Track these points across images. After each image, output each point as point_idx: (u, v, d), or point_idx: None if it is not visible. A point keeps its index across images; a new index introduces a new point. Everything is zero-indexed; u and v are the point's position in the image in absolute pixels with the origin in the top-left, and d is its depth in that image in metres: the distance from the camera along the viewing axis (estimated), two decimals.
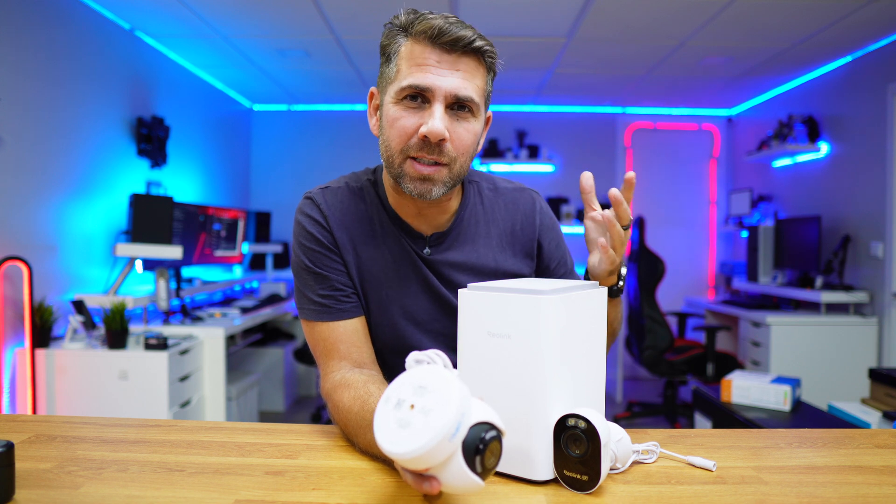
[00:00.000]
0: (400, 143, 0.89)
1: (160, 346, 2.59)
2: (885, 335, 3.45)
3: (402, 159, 0.90)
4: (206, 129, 4.37)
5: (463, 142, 0.90)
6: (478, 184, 1.07)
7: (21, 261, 2.44)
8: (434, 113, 0.86)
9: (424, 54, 0.87)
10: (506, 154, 5.09)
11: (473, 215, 1.04)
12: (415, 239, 1.01)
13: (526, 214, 1.07)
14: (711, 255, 5.37)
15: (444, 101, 0.87)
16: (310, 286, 0.98)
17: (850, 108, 3.74)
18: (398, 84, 0.88)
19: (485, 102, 0.93)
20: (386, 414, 0.60)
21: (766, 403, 2.35)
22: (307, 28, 3.34)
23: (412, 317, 1.01)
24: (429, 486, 0.59)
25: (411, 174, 0.90)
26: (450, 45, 0.86)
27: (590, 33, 3.39)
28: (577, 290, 0.76)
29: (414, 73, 0.87)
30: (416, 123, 0.87)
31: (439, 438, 0.55)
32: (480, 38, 0.88)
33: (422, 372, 0.61)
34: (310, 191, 1.02)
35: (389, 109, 0.90)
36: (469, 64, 0.88)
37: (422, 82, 0.86)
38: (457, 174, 0.92)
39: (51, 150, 2.73)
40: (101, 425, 0.96)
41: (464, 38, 0.86)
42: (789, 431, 0.95)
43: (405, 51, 0.89)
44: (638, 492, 0.71)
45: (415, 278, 1.01)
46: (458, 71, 0.87)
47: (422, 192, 0.90)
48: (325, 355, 0.97)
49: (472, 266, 1.02)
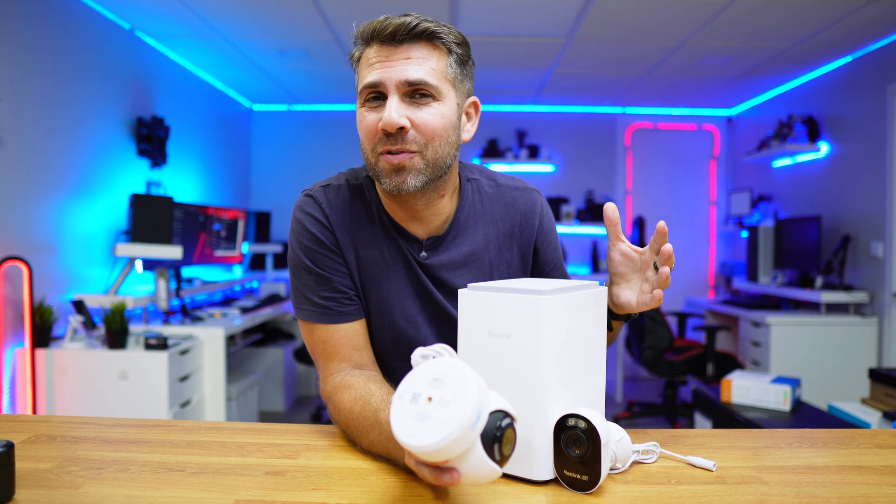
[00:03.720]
0: (370, 142, 0.90)
1: (160, 346, 2.59)
2: (885, 335, 3.45)
3: (376, 158, 0.91)
4: (206, 129, 4.37)
5: (429, 126, 0.88)
6: (477, 181, 1.05)
7: (21, 261, 2.44)
8: (388, 105, 0.87)
9: (372, 53, 0.90)
10: (506, 154, 5.10)
11: (471, 215, 1.02)
12: (410, 242, 0.99)
13: (526, 215, 1.05)
14: (711, 255, 5.37)
15: (398, 90, 0.87)
16: (310, 287, 0.96)
17: (850, 108, 3.74)
18: (359, 89, 0.92)
19: (453, 85, 0.92)
20: (402, 409, 0.59)
21: (766, 403, 2.35)
22: (307, 28, 3.34)
23: (411, 320, 1.00)
24: (449, 477, 0.59)
25: (385, 168, 0.90)
26: (391, 37, 0.88)
27: (590, 33, 3.39)
28: (577, 290, 0.76)
29: (366, 73, 0.90)
30: (377, 119, 0.89)
31: (462, 428, 0.55)
32: (426, 22, 0.88)
33: (434, 365, 0.61)
34: (309, 188, 1.01)
35: (358, 114, 0.93)
36: (419, 50, 0.88)
37: (371, 79, 0.88)
38: (433, 161, 0.90)
39: (51, 150, 2.73)
40: (101, 425, 0.96)
41: (402, 25, 0.87)
42: (789, 431, 0.95)
43: (362, 57, 0.92)
44: (638, 492, 0.71)
45: (412, 282, 1.00)
46: (407, 59, 0.88)
47: (397, 184, 0.89)
48: (325, 357, 0.96)
49: (467, 266, 1.01)
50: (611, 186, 5.31)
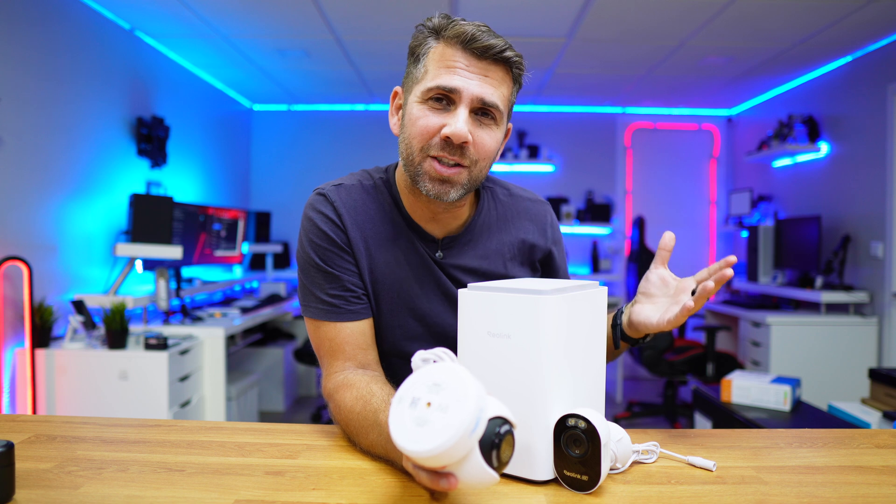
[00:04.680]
0: (421, 142, 0.89)
1: (160, 346, 2.59)
2: (885, 335, 3.45)
3: (423, 158, 0.90)
4: (206, 129, 4.37)
5: (485, 147, 0.90)
6: (492, 189, 1.08)
7: (21, 261, 2.44)
8: (458, 115, 0.87)
9: (455, 57, 0.88)
10: (506, 154, 5.09)
11: (486, 221, 1.05)
12: (427, 242, 1.00)
13: (539, 226, 1.09)
14: (711, 255, 5.37)
15: (470, 104, 0.88)
16: (318, 284, 0.97)
17: (850, 108, 3.74)
18: (425, 84, 0.89)
19: (508, 112, 0.94)
20: (401, 413, 0.59)
21: (766, 403, 2.35)
22: (307, 28, 3.34)
23: (422, 318, 1.01)
24: (447, 482, 0.59)
25: (431, 174, 0.90)
26: (480, 51, 0.87)
27: (590, 33, 3.39)
28: (577, 290, 0.76)
29: (442, 74, 0.88)
30: (440, 123, 0.88)
31: (460, 435, 0.55)
32: (511, 50, 0.89)
33: (434, 369, 0.61)
34: (321, 187, 1.01)
35: (413, 108, 0.90)
36: (497, 73, 0.89)
37: (449, 83, 0.87)
38: (475, 178, 0.93)
39: (51, 150, 2.73)
40: (101, 425, 0.96)
41: (494, 46, 0.87)
42: (789, 431, 0.95)
43: (435, 53, 0.90)
44: (638, 492, 0.71)
45: (428, 280, 1.01)
46: (486, 77, 0.88)
47: (439, 193, 0.90)
48: (330, 355, 0.96)
49: (482, 272, 1.03)
50: (611, 186, 5.31)
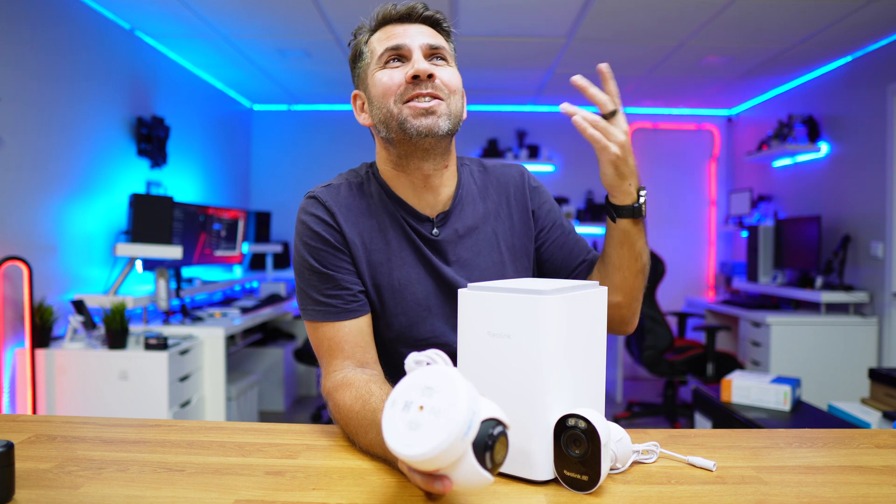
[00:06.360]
0: (392, 95, 0.95)
1: (160, 346, 2.59)
2: (885, 335, 3.45)
3: (400, 108, 0.94)
4: (206, 129, 4.37)
5: (450, 81, 0.96)
6: (469, 167, 1.11)
7: (21, 261, 2.44)
8: (415, 58, 0.94)
9: (390, 31, 0.98)
10: (506, 154, 5.09)
11: (470, 194, 1.07)
12: (421, 222, 1.02)
13: (516, 185, 1.12)
14: (711, 255, 5.37)
15: (421, 51, 0.95)
16: (314, 286, 0.97)
17: (850, 108, 3.74)
18: (376, 56, 0.97)
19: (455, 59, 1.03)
20: (394, 417, 0.60)
21: (766, 403, 2.35)
22: (307, 28, 3.34)
23: (424, 303, 1.01)
24: (441, 485, 0.59)
25: (414, 112, 0.93)
26: (406, 16, 0.98)
27: (590, 33, 3.39)
28: (577, 290, 0.76)
29: (387, 41, 0.97)
30: (403, 73, 0.95)
31: (453, 438, 0.55)
32: (428, 9, 1.00)
33: (426, 373, 0.61)
34: (312, 190, 1.02)
35: (375, 79, 0.97)
36: (428, 30, 0.99)
37: (397, 42, 0.96)
38: (455, 111, 0.97)
39: (51, 149, 2.73)
40: (101, 425, 0.96)
41: (414, 8, 0.98)
42: (789, 431, 0.95)
43: (373, 39, 1.00)
44: (638, 492, 0.71)
45: (421, 265, 1.02)
46: (422, 32, 0.98)
47: (428, 126, 0.93)
48: (329, 354, 0.97)
49: (474, 236, 1.04)
50: None
